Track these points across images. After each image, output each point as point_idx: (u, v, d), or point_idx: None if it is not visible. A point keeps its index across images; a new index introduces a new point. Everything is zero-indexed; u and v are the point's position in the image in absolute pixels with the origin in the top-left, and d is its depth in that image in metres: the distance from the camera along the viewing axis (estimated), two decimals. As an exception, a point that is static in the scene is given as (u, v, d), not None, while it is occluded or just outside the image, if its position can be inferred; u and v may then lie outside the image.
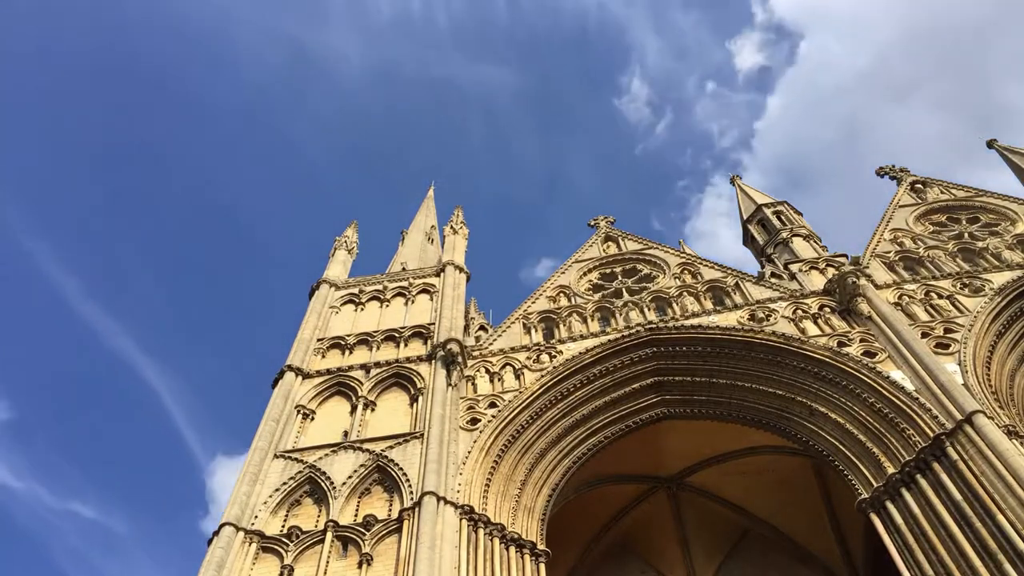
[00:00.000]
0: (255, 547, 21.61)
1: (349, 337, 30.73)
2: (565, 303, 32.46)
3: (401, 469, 23.21)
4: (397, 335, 30.55)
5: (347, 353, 29.94)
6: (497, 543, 22.15)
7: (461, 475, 23.14)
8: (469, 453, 24.01)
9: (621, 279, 34.27)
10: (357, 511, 22.44)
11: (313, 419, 26.93)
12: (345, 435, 25.60)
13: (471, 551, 21.21)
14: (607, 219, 39.73)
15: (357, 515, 22.25)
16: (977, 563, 19.13)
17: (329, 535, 21.48)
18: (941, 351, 24.55)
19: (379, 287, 34.59)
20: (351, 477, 23.35)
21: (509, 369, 28.14)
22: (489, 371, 28.15)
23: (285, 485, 23.49)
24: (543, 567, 22.97)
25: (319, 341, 30.63)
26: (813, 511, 31.34)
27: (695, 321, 28.73)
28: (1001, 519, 19.10)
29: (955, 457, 20.91)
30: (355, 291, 34.52)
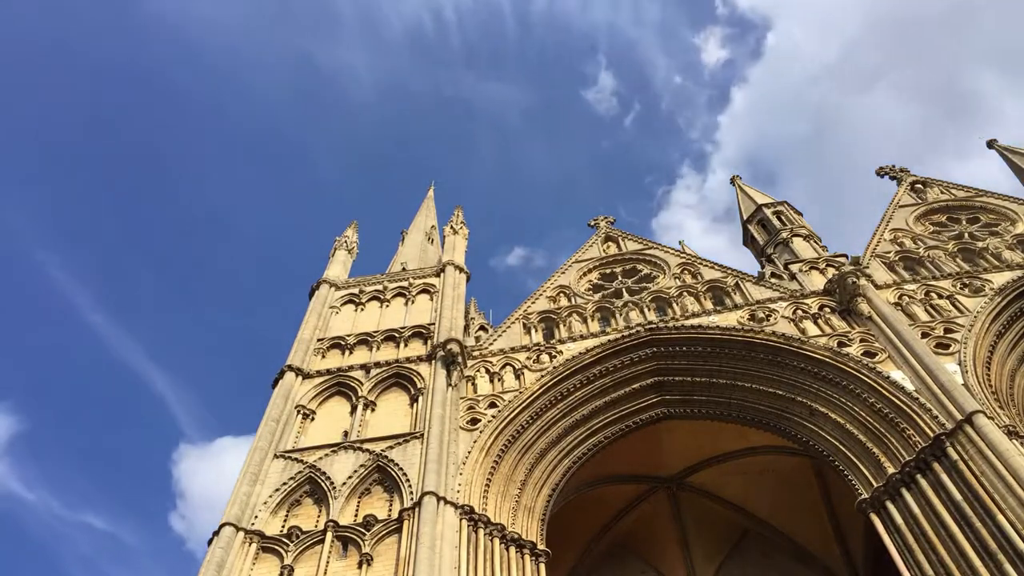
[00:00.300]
0: (255, 547, 21.61)
1: (349, 337, 30.73)
2: (565, 303, 32.46)
3: (401, 469, 23.21)
4: (397, 335, 30.55)
5: (347, 353, 29.95)
6: (497, 543, 22.15)
7: (461, 475, 23.14)
8: (469, 453, 24.01)
9: (621, 279, 34.28)
10: (357, 511, 22.44)
11: (313, 419, 26.93)
12: (345, 435, 25.60)
13: (471, 551, 21.21)
14: (607, 219, 39.77)
15: (357, 515, 22.26)
16: (977, 563, 19.13)
17: (329, 535, 21.48)
18: (941, 351, 24.55)
19: (379, 287, 34.58)
20: (351, 477, 23.35)
21: (509, 369, 28.15)
22: (489, 371, 28.15)
23: (285, 485, 23.49)
24: (543, 567, 22.97)
25: (319, 341, 30.63)
26: (813, 511, 31.34)
27: (695, 321, 28.74)
28: (1001, 519, 19.10)
29: (955, 457, 20.91)
30: (355, 291, 34.51)
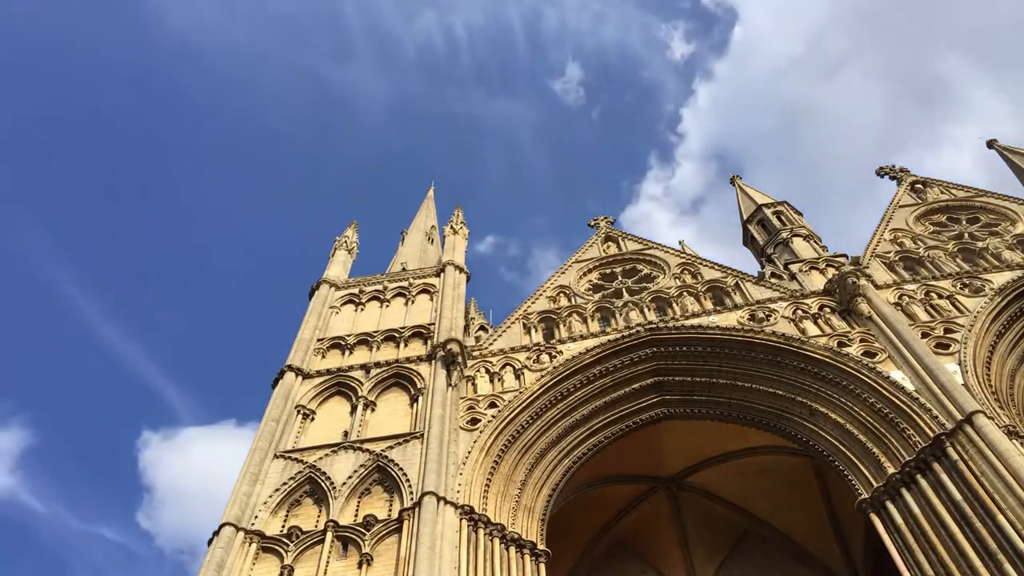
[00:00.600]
0: (255, 547, 21.60)
1: (349, 337, 30.72)
2: (565, 303, 32.46)
3: (401, 469, 23.20)
4: (397, 335, 30.54)
5: (347, 353, 29.93)
6: (497, 543, 22.14)
7: (461, 475, 23.13)
8: (469, 453, 24.01)
9: (621, 279, 34.28)
10: (357, 511, 22.44)
11: (313, 419, 26.92)
12: (345, 435, 25.60)
13: (471, 551, 21.21)
14: (607, 219, 39.82)
15: (357, 515, 22.25)
16: (977, 563, 19.14)
17: (329, 535, 21.47)
18: (941, 351, 24.55)
19: (379, 287, 34.57)
20: (351, 477, 23.34)
21: (509, 369, 28.14)
22: (489, 371, 28.14)
23: (285, 485, 23.48)
24: (543, 567, 22.97)
25: (319, 341, 30.62)
26: (813, 511, 31.32)
27: (695, 321, 28.74)
28: (1001, 519, 19.10)
29: (955, 457, 20.91)
30: (355, 291, 34.50)
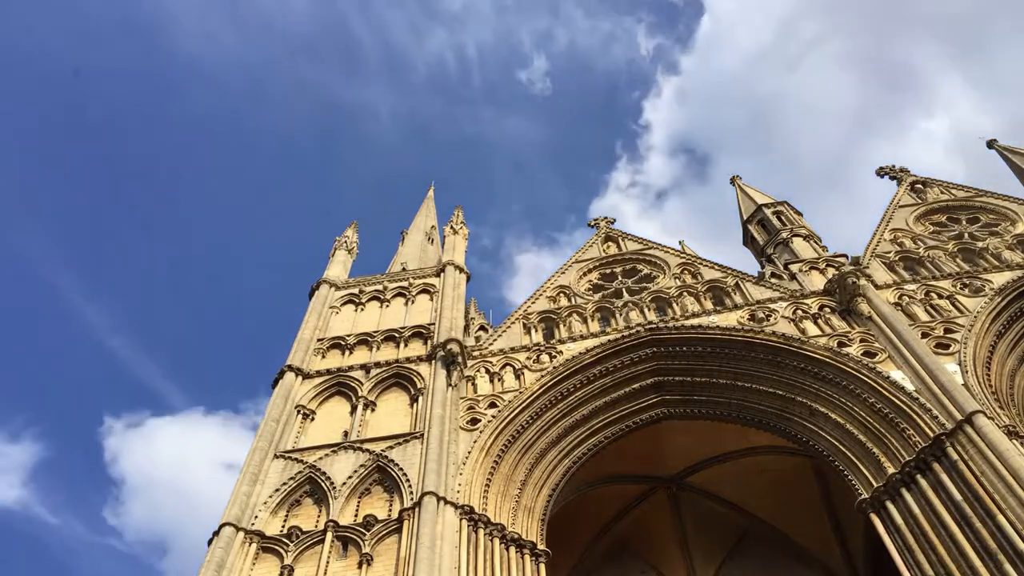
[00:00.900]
0: (255, 547, 21.60)
1: (349, 337, 30.71)
2: (565, 303, 32.45)
3: (401, 469, 23.20)
4: (397, 335, 30.54)
5: (347, 353, 29.93)
6: (497, 543, 22.14)
7: (461, 475, 23.13)
8: (469, 453, 24.00)
9: (621, 279, 34.28)
10: (357, 511, 22.43)
11: (313, 419, 26.92)
12: (345, 435, 25.60)
13: (471, 551, 21.21)
14: (607, 219, 39.84)
15: (357, 515, 22.25)
16: (977, 563, 19.13)
17: (329, 535, 21.47)
18: (941, 351, 24.55)
19: (379, 287, 34.57)
20: (351, 477, 23.34)
21: (509, 369, 28.14)
22: (489, 371, 28.14)
23: (285, 485, 23.48)
24: (543, 567, 22.96)
25: (319, 341, 30.62)
26: (813, 511, 31.30)
27: (695, 321, 28.74)
28: (1001, 519, 19.10)
29: (955, 457, 20.91)
30: (355, 291, 34.50)
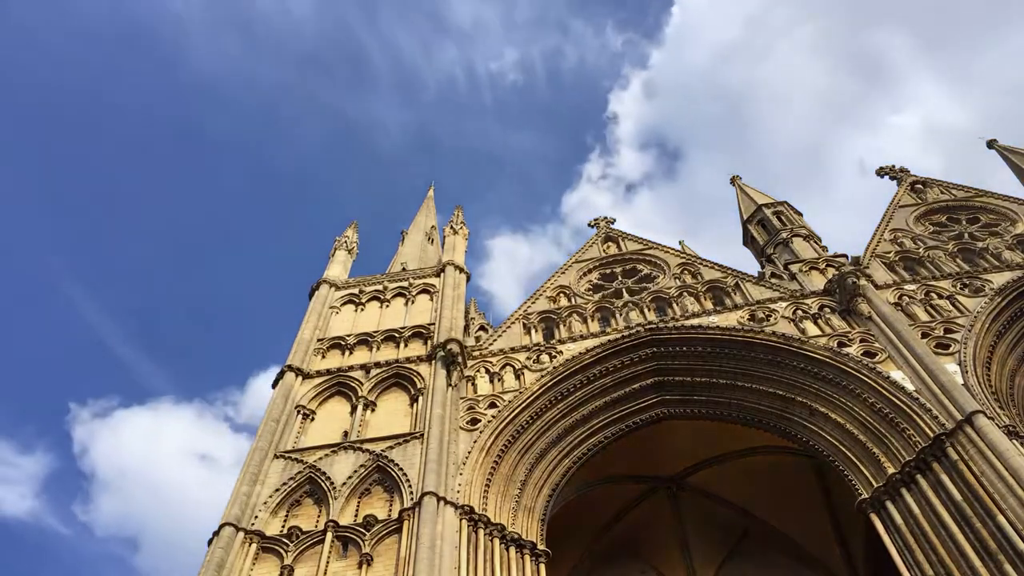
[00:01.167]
0: (255, 547, 21.61)
1: (349, 337, 30.72)
2: (565, 303, 32.45)
3: (401, 469, 23.21)
4: (397, 335, 30.54)
5: (347, 353, 29.93)
6: (497, 543, 22.14)
7: (461, 475, 23.13)
8: (469, 453, 24.00)
9: (621, 279, 34.28)
10: (357, 511, 22.44)
11: (313, 419, 26.93)
12: (345, 435, 25.60)
13: (471, 551, 21.21)
14: (607, 219, 39.86)
15: (357, 515, 22.26)
16: (977, 563, 19.14)
17: (329, 535, 21.48)
18: (941, 351, 24.55)
19: (379, 287, 34.57)
20: (351, 477, 23.34)
21: (509, 369, 28.14)
22: (489, 371, 28.14)
23: (285, 485, 23.49)
24: (543, 567, 22.95)
25: (319, 341, 30.62)
26: (813, 511, 31.24)
27: (695, 321, 28.74)
28: (1001, 519, 19.10)
29: (955, 457, 20.91)
30: (355, 291, 34.50)
